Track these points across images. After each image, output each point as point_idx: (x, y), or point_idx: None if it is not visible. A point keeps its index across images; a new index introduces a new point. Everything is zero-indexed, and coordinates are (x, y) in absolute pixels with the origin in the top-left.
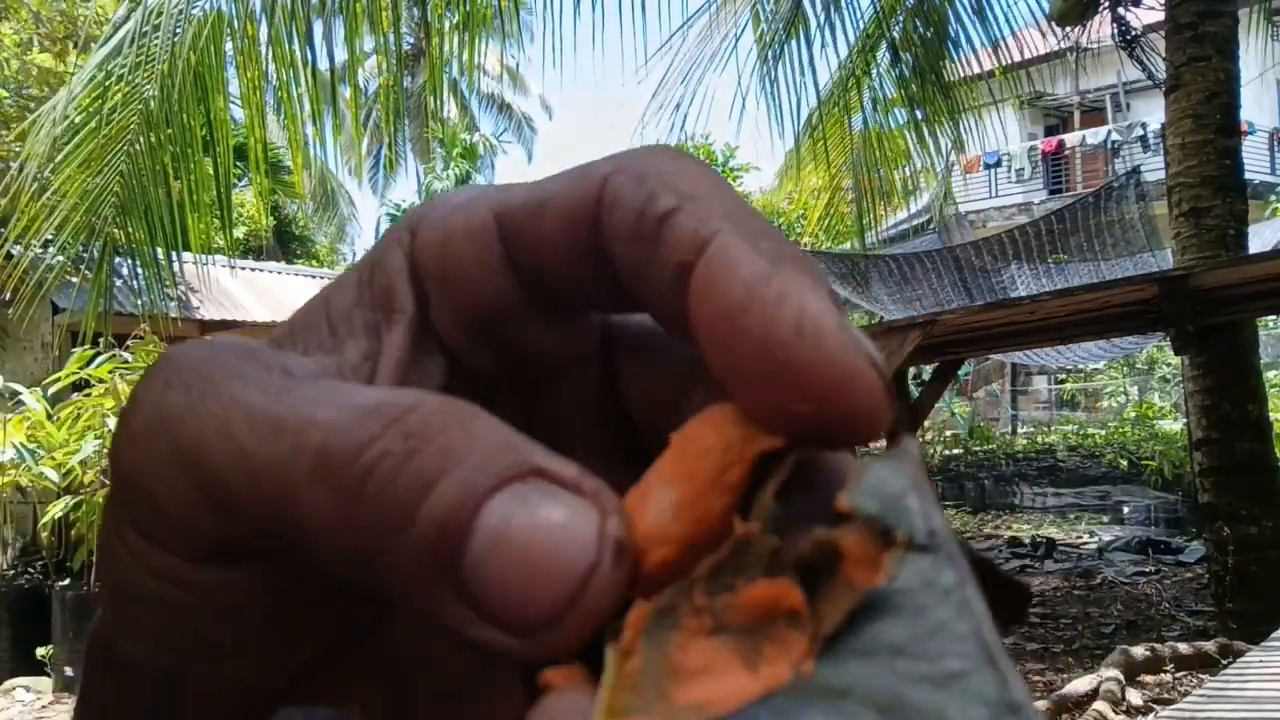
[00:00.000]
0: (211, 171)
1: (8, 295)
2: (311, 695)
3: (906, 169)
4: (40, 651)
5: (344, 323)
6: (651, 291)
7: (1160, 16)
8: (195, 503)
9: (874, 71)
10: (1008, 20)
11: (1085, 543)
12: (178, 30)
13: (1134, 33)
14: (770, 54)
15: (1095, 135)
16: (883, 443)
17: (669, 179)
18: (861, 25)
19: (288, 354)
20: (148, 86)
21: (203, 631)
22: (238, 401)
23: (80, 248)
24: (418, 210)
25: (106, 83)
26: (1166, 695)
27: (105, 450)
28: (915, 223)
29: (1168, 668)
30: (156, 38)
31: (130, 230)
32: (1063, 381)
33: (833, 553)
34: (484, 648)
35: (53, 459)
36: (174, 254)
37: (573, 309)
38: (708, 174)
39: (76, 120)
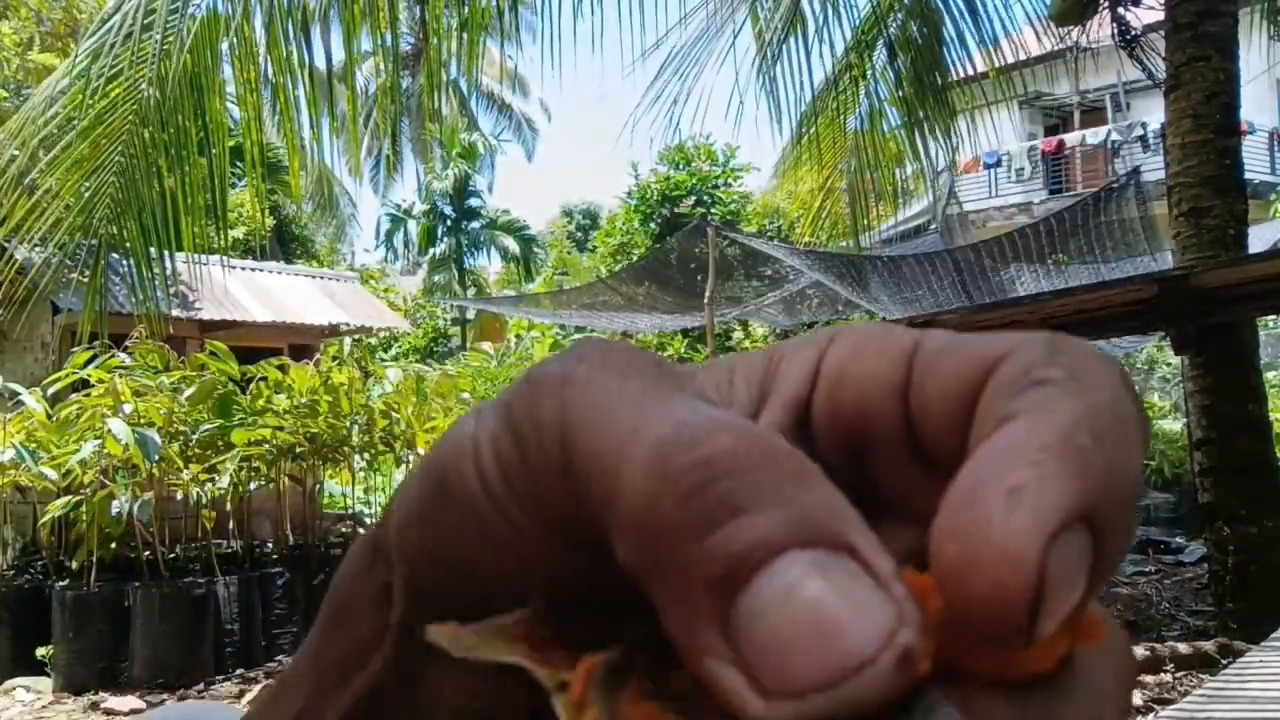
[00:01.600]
0: (207, 172)
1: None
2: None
3: (902, 170)
4: (40, 651)
5: (743, 382)
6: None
7: (1160, 16)
8: (551, 461)
9: (869, 73)
10: (1003, 22)
11: None
12: (169, 27)
13: (1134, 33)
14: (769, 53)
15: (1095, 135)
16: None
17: (1069, 360)
18: (859, 25)
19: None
20: (143, 86)
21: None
22: (626, 384)
23: (75, 249)
24: (843, 327)
25: (97, 82)
26: (1166, 695)
27: (105, 450)
28: (916, 223)
29: (1168, 668)
30: (148, 36)
31: (125, 231)
32: None
33: None
34: (719, 694)
35: (53, 459)
36: (168, 254)
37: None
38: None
39: (68, 119)
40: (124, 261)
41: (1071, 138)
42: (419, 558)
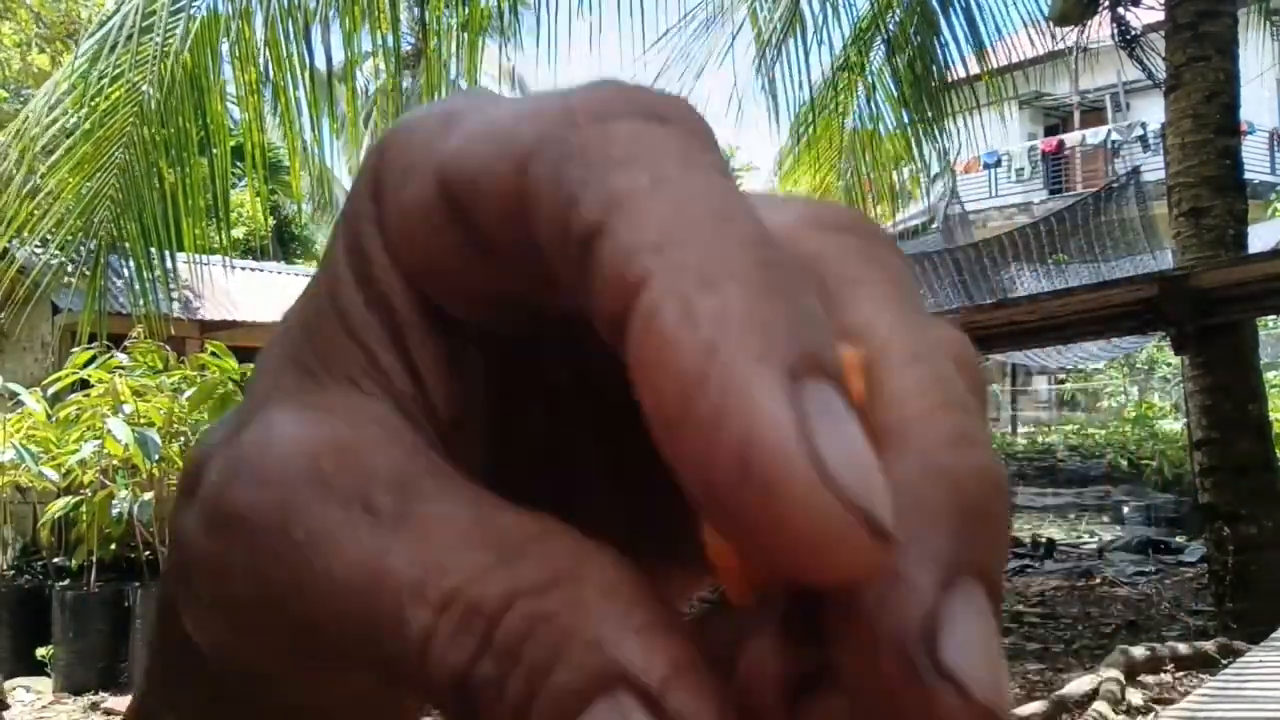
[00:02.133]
0: (208, 172)
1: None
2: None
3: (901, 171)
4: (40, 651)
5: (364, 329)
6: (599, 325)
7: (1160, 16)
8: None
9: (868, 70)
10: (997, 23)
11: (1085, 543)
12: (169, 28)
13: (1134, 33)
14: (768, 54)
15: (1095, 135)
16: None
17: (598, 165)
18: (856, 25)
19: (341, 413)
20: (144, 86)
21: None
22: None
23: (76, 249)
24: (373, 158)
25: (99, 83)
26: (1166, 695)
27: (105, 450)
28: (917, 222)
29: (1168, 668)
30: (148, 38)
31: (125, 231)
32: (1063, 381)
33: None
34: None
35: (53, 459)
36: (169, 254)
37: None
38: (661, 140)
39: (69, 121)
40: (124, 262)
41: (1071, 138)
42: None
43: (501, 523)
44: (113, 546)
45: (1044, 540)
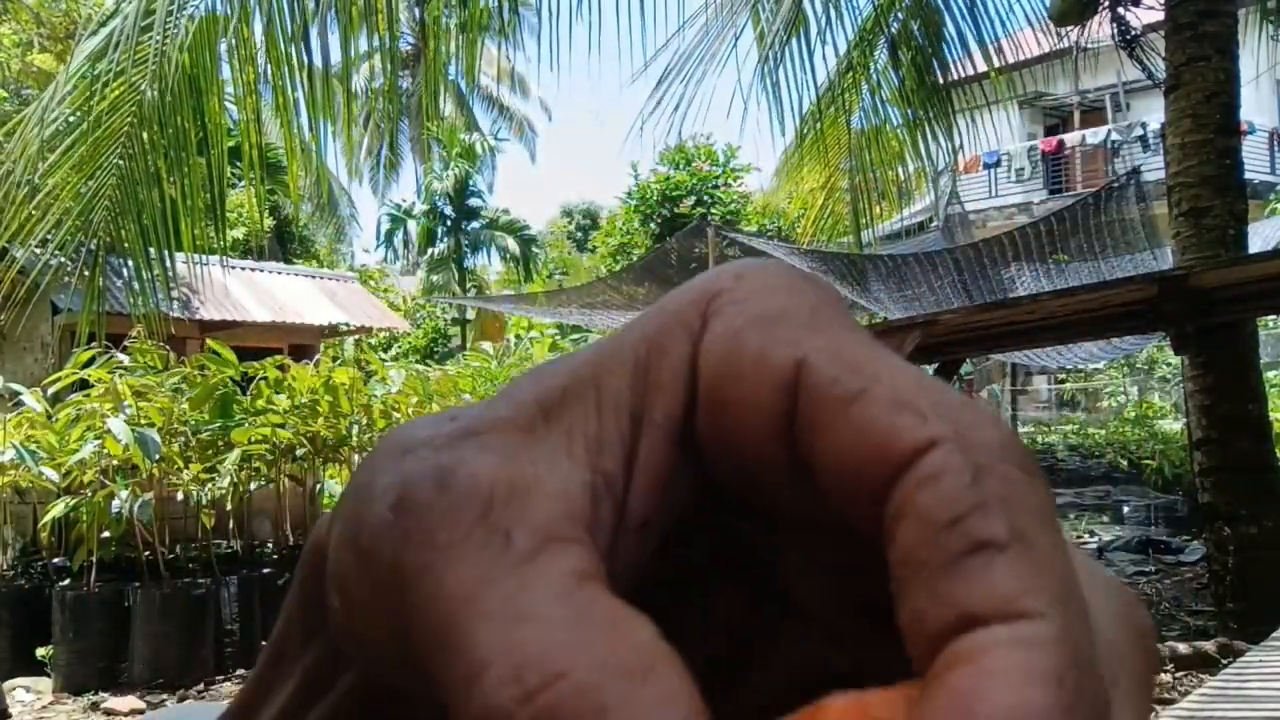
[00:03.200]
0: (206, 173)
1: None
2: None
3: (903, 170)
4: (40, 651)
5: (611, 408)
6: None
7: (1160, 16)
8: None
9: (872, 69)
10: (1003, 22)
11: (1085, 543)
12: (168, 29)
13: (1134, 33)
14: (771, 54)
15: (1095, 135)
16: None
17: (1002, 500)
18: (860, 25)
19: (540, 458)
20: (143, 86)
21: None
22: (463, 551)
23: (75, 250)
24: (716, 283)
25: (96, 85)
26: (1166, 695)
27: (105, 450)
28: (916, 220)
29: (1168, 668)
30: (147, 38)
31: (125, 231)
32: (1063, 381)
33: None
34: None
35: (53, 459)
36: (168, 255)
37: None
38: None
39: (69, 121)
40: (124, 262)
41: (1071, 138)
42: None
43: (598, 616)
44: (113, 546)
45: None
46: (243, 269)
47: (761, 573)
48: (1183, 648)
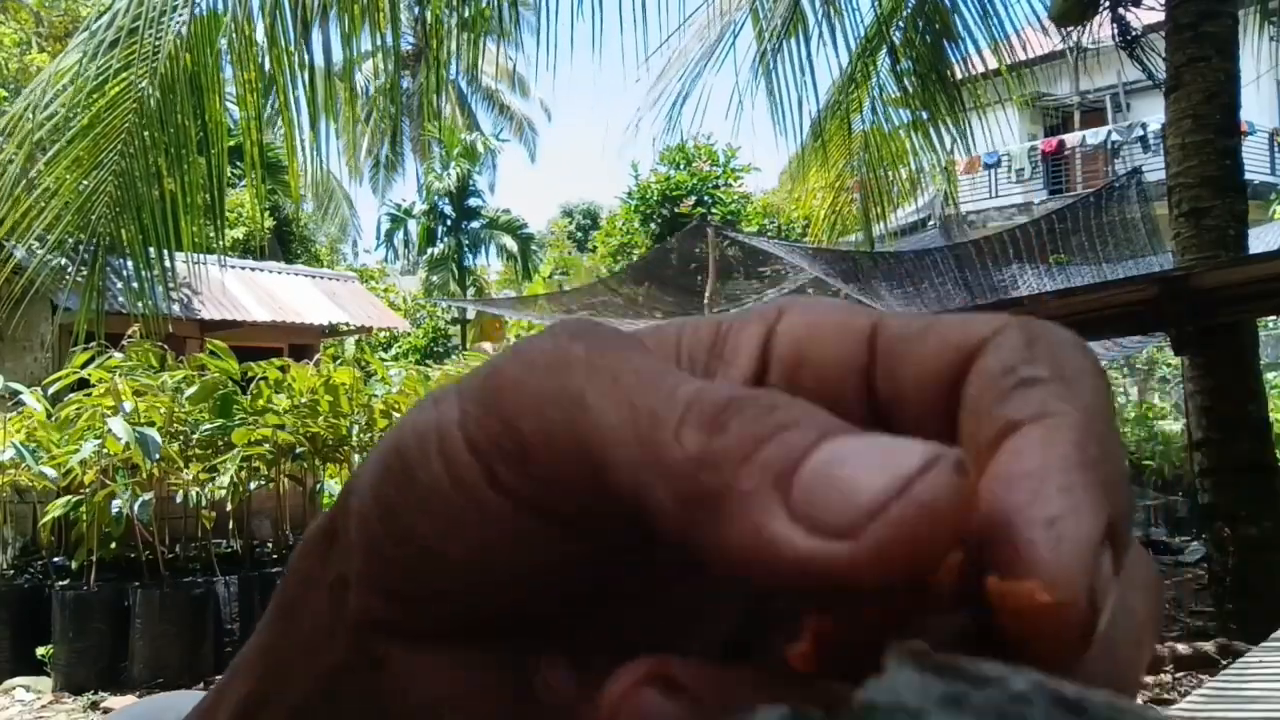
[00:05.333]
0: (206, 172)
1: None
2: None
3: (908, 167)
4: (40, 651)
5: (688, 359)
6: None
7: (1160, 16)
8: (564, 450)
9: (877, 71)
10: (1006, 21)
11: None
12: (168, 26)
13: (1134, 33)
14: (769, 53)
15: (1095, 135)
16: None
17: (1050, 355)
18: (861, 25)
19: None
20: (143, 84)
21: (490, 564)
22: (626, 363)
23: (74, 248)
24: (784, 299)
25: (96, 81)
26: (1166, 695)
27: (105, 450)
28: (914, 219)
29: (1168, 668)
30: (147, 35)
31: (124, 230)
32: None
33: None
34: (801, 571)
35: (53, 459)
36: (167, 254)
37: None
38: (1085, 359)
39: (66, 118)
40: (124, 261)
41: (1071, 138)
42: (381, 549)
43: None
44: (113, 546)
45: None
46: (243, 269)
47: None
48: (1183, 648)
